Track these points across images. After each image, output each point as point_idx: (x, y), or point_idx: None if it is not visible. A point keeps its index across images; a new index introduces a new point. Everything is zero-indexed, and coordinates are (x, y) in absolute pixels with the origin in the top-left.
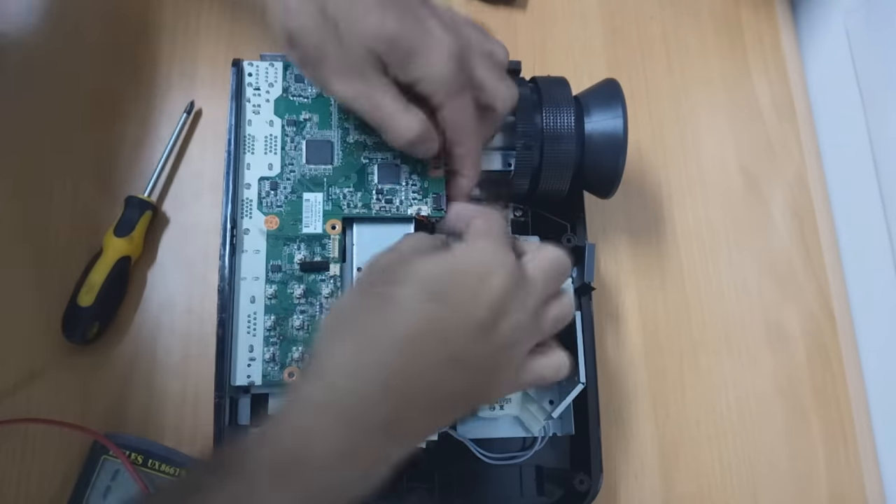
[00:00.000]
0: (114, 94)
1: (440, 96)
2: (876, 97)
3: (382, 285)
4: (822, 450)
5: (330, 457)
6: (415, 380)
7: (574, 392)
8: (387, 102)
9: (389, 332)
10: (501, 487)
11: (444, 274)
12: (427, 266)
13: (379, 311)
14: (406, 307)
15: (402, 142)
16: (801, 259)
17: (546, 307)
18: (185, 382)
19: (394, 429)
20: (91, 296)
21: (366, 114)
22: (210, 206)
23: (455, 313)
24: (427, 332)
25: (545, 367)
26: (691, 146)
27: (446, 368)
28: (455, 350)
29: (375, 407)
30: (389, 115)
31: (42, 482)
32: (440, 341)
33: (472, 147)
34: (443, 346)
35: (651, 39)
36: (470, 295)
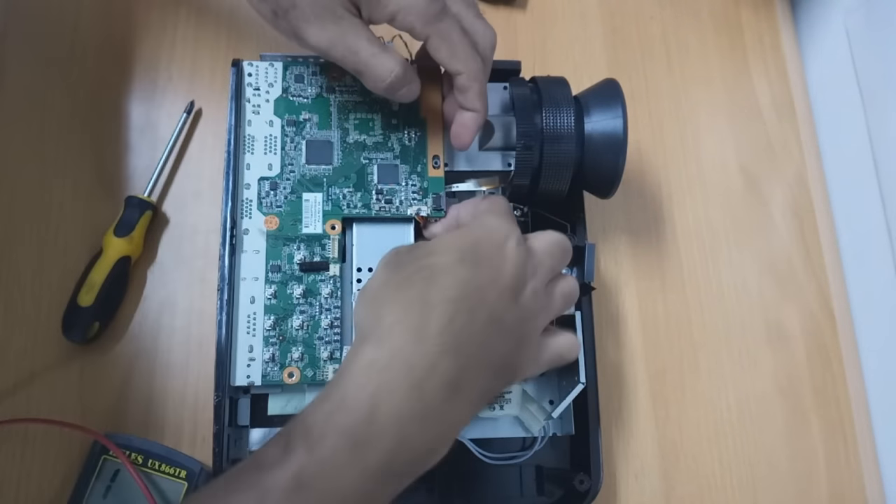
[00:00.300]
0: (114, 94)
1: (420, 24)
2: (876, 97)
3: (415, 259)
4: (822, 450)
5: (401, 418)
6: (467, 338)
7: (574, 392)
8: (363, 45)
9: (436, 294)
10: (501, 487)
11: (468, 243)
12: (452, 238)
13: (420, 278)
14: (446, 271)
15: (383, 84)
16: (801, 259)
17: (554, 283)
18: (185, 382)
19: (455, 389)
20: (91, 296)
21: (342, 60)
22: (210, 206)
23: (489, 275)
24: (469, 293)
25: (561, 345)
26: (691, 146)
27: (490, 328)
28: (493, 311)
29: (437, 366)
30: (367, 58)
31: (42, 482)
32: (481, 301)
33: (475, 71)
34: (484, 307)
35: (651, 39)
36: (497, 260)
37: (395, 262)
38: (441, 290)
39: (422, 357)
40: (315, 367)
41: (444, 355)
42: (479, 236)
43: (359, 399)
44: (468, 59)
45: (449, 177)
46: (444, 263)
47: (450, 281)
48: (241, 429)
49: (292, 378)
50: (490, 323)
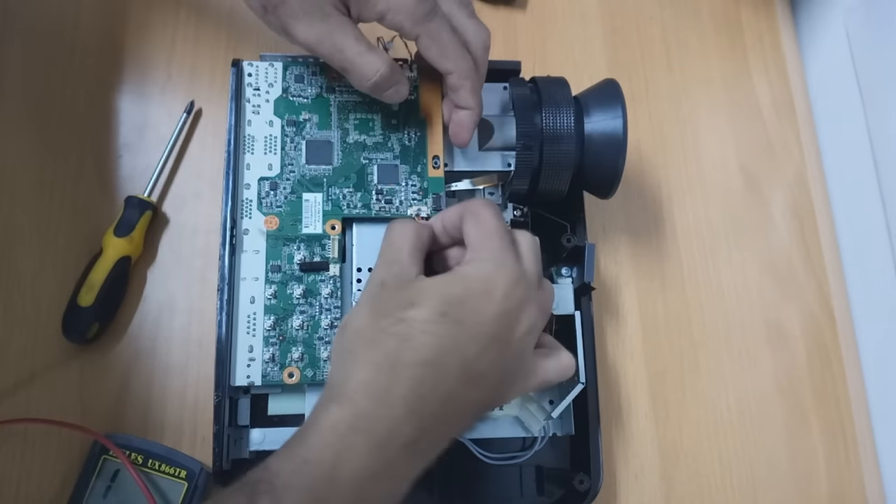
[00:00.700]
0: (114, 94)
1: (409, 24)
2: (876, 97)
3: (397, 308)
4: (822, 450)
5: (361, 478)
6: (437, 400)
7: (574, 392)
8: (349, 43)
9: (409, 355)
10: (501, 487)
11: (457, 296)
12: (437, 286)
13: (396, 334)
14: (423, 329)
15: (368, 83)
16: (801, 259)
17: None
18: (185, 382)
19: (418, 447)
20: (91, 296)
21: (329, 57)
22: (210, 206)
23: (470, 332)
24: (445, 354)
25: (551, 371)
26: (691, 146)
27: (465, 385)
28: (472, 367)
29: (401, 428)
30: (353, 56)
31: (42, 482)
32: (458, 361)
33: (465, 70)
34: (461, 366)
35: (651, 39)
36: (482, 312)
37: (377, 305)
38: (413, 351)
39: (385, 421)
40: (315, 367)
41: (407, 419)
42: (469, 287)
43: (322, 458)
44: (458, 59)
45: (449, 177)
46: (424, 320)
47: (425, 341)
48: (241, 429)
49: (292, 378)
50: (466, 378)
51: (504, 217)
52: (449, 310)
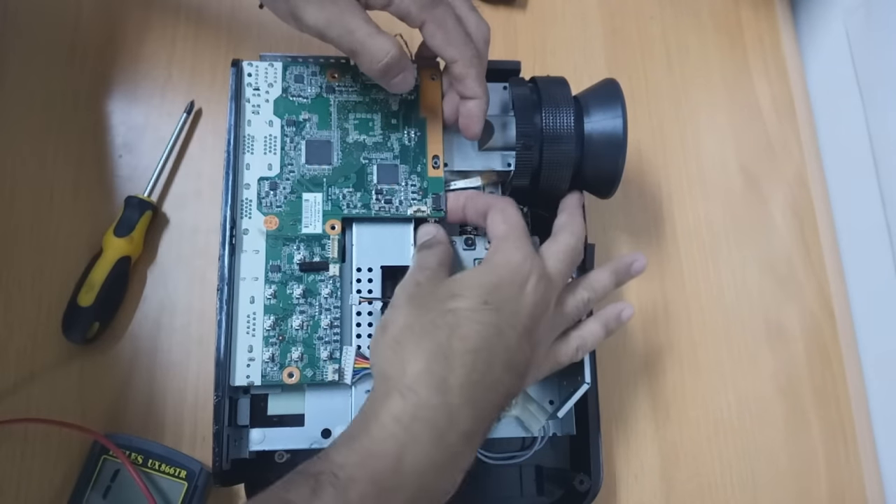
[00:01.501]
0: (114, 94)
1: (416, 9)
2: (876, 97)
3: (441, 300)
4: (822, 450)
5: (424, 469)
6: (487, 387)
7: (579, 392)
8: (359, 25)
9: (459, 344)
10: (501, 487)
11: (493, 285)
12: (474, 278)
13: (446, 324)
14: (469, 317)
15: (378, 66)
16: (801, 259)
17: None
18: (185, 382)
19: (474, 435)
20: (91, 296)
21: (339, 40)
22: (210, 206)
23: (508, 320)
24: (490, 340)
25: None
26: (691, 146)
27: (508, 371)
28: (511, 355)
29: (458, 418)
30: (363, 38)
31: (42, 482)
32: (500, 347)
33: (470, 57)
34: (502, 353)
35: (651, 39)
36: (515, 304)
37: (418, 301)
38: (464, 339)
39: (445, 411)
40: (315, 367)
41: (464, 407)
42: (502, 276)
43: (387, 450)
44: (463, 46)
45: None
46: (468, 308)
47: (473, 330)
48: (241, 429)
49: (292, 378)
50: (506, 366)
51: None
52: (489, 298)
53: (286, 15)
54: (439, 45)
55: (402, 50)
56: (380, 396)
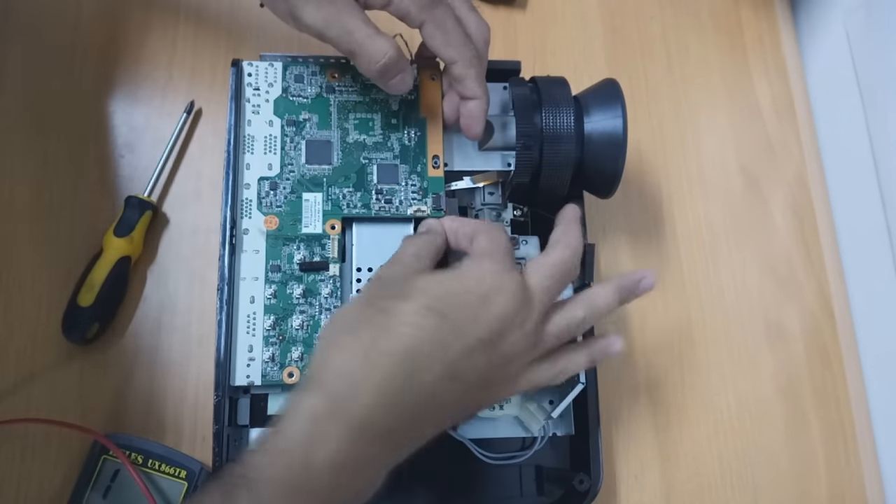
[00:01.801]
0: (114, 94)
1: (416, 10)
2: (876, 97)
3: (385, 299)
4: (822, 450)
5: (336, 466)
6: (413, 392)
7: (574, 392)
8: (357, 26)
9: (390, 344)
10: (501, 487)
11: (447, 292)
12: (431, 283)
13: (380, 323)
14: (408, 321)
15: (376, 66)
16: (801, 259)
17: (546, 321)
18: (185, 382)
19: (393, 437)
20: (91, 296)
21: (337, 40)
22: (210, 206)
23: (456, 331)
24: (427, 347)
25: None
26: (691, 146)
27: (444, 382)
28: (453, 366)
29: (376, 417)
30: (362, 38)
31: (42, 482)
32: (439, 357)
33: (469, 58)
34: (441, 362)
35: (651, 39)
36: (472, 314)
37: (371, 296)
38: (393, 340)
39: (359, 408)
40: None
41: (381, 409)
42: (463, 286)
43: (297, 447)
44: (462, 47)
45: (448, 176)
46: (411, 311)
47: (404, 332)
48: (241, 429)
49: (292, 378)
50: (446, 376)
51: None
52: (435, 304)
53: (285, 14)
54: (438, 46)
55: (401, 51)
56: (298, 393)
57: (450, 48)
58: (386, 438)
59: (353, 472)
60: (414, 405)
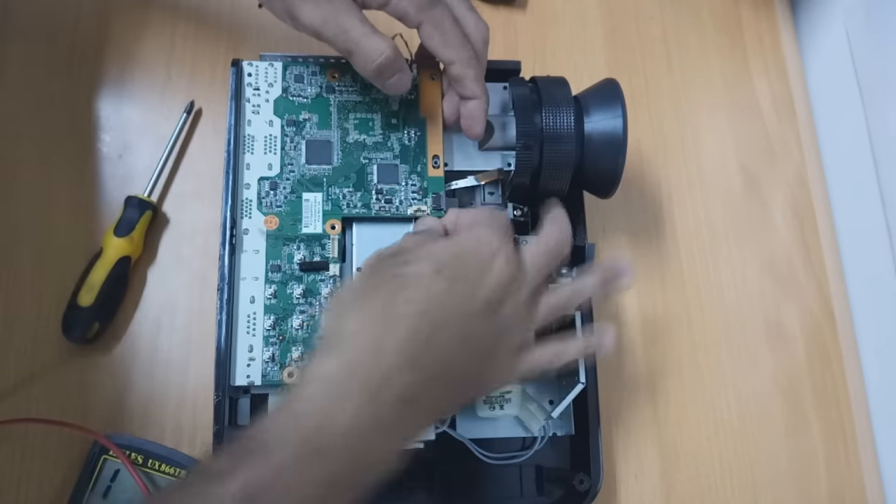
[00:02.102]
0: (114, 94)
1: (413, 10)
2: (876, 97)
3: (392, 267)
4: (822, 450)
5: (355, 429)
6: (430, 353)
7: (574, 392)
8: (354, 25)
9: (404, 306)
10: (501, 487)
11: (451, 255)
12: (435, 248)
13: (392, 288)
14: (419, 283)
15: (373, 65)
16: (801, 259)
17: (538, 296)
18: (186, 382)
19: (413, 402)
20: (91, 296)
21: (334, 39)
22: (210, 206)
23: (464, 291)
24: (440, 307)
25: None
26: (691, 146)
27: (457, 344)
28: (464, 327)
29: (395, 379)
30: (358, 37)
31: (42, 482)
32: (451, 317)
33: (467, 59)
34: (453, 322)
35: (651, 39)
36: (477, 275)
37: (374, 267)
38: (407, 302)
39: (377, 370)
40: None
41: (401, 370)
42: (464, 249)
43: (314, 409)
44: (460, 48)
45: (449, 176)
46: (418, 274)
47: (419, 294)
48: (242, 429)
49: (292, 378)
50: (457, 339)
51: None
52: (443, 268)
53: (283, 13)
54: (436, 47)
55: (398, 51)
56: (313, 359)
57: (447, 49)
58: (407, 404)
59: (372, 437)
60: (430, 368)
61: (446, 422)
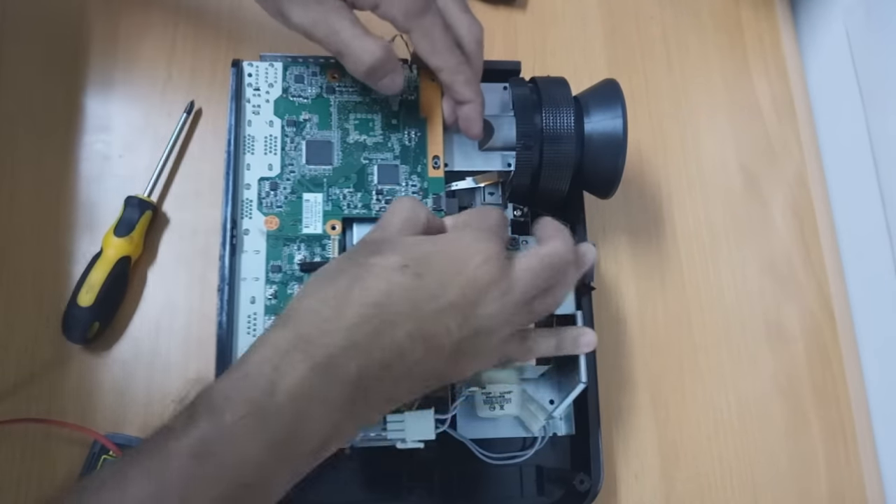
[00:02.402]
0: (114, 94)
1: (402, 17)
2: (876, 97)
3: (364, 255)
4: (822, 450)
5: (298, 396)
6: (380, 343)
7: (575, 392)
8: (345, 26)
9: (358, 294)
10: (501, 487)
11: (425, 252)
12: (409, 243)
13: (356, 274)
14: (382, 275)
15: (363, 67)
16: (801, 259)
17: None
18: (186, 383)
19: (360, 387)
20: (91, 296)
21: (325, 40)
22: (210, 206)
23: (430, 291)
24: (398, 303)
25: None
26: (691, 146)
27: (413, 342)
28: (424, 326)
29: (341, 361)
30: (348, 39)
31: (42, 482)
32: (411, 314)
33: (455, 65)
34: (413, 320)
35: (651, 39)
36: (447, 276)
37: (351, 251)
38: (365, 291)
39: (323, 347)
40: None
41: (348, 354)
42: (440, 248)
43: (262, 372)
44: (448, 55)
45: (449, 177)
46: (384, 266)
47: (378, 284)
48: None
49: None
50: (415, 334)
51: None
52: (411, 263)
53: (275, 12)
54: (424, 54)
55: (389, 52)
56: (269, 328)
57: (435, 56)
58: (353, 388)
59: (315, 409)
60: (381, 359)
61: (447, 422)
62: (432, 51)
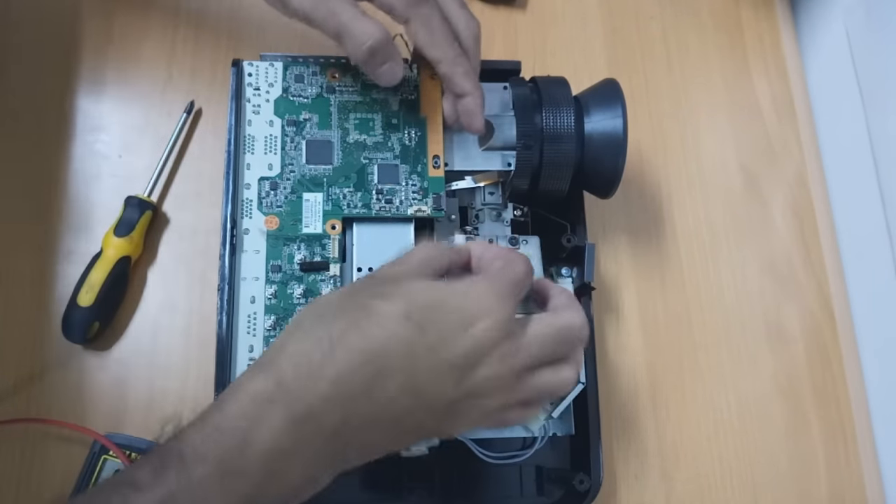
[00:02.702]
0: (114, 94)
1: (401, 6)
2: (876, 97)
3: (369, 296)
4: (822, 450)
5: (272, 454)
6: (370, 395)
7: (574, 392)
8: (344, 8)
9: (353, 340)
10: (501, 487)
11: (431, 304)
12: (418, 289)
13: (354, 318)
14: (383, 323)
15: (362, 48)
16: (801, 259)
17: (534, 373)
18: (186, 383)
19: (342, 437)
20: (91, 296)
21: (323, 22)
22: (210, 206)
23: (430, 344)
24: (395, 355)
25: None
26: (691, 146)
27: (405, 396)
28: (418, 381)
29: (323, 413)
30: (347, 20)
31: (42, 482)
32: (406, 369)
33: (454, 57)
34: (406, 373)
35: (651, 39)
36: (450, 333)
37: (356, 289)
38: (361, 337)
39: (306, 398)
40: None
41: (331, 404)
42: (449, 301)
43: (235, 427)
44: (446, 46)
45: (449, 176)
46: (385, 312)
47: (377, 332)
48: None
49: None
50: (409, 389)
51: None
52: (415, 313)
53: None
54: (422, 45)
55: (389, 37)
56: (247, 372)
57: (433, 47)
58: (330, 438)
59: (290, 465)
60: (367, 412)
61: None
62: (431, 42)
